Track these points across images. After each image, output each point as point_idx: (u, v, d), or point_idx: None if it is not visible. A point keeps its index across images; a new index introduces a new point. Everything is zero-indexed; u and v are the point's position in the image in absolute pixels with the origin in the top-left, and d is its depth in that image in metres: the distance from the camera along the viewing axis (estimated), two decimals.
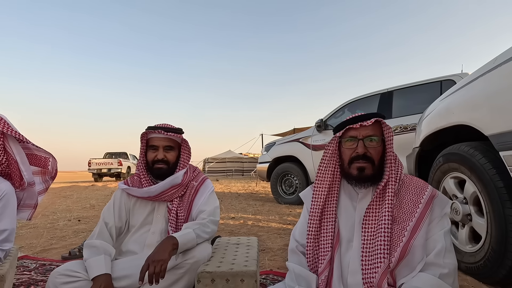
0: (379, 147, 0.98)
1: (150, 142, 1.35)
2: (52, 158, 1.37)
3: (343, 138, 1.01)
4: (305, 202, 1.10)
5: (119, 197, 1.37)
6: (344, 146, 1.01)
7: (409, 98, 3.90)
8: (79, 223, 3.25)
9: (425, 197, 0.92)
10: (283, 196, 5.01)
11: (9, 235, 1.16)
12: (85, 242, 1.26)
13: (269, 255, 2.01)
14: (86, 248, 1.21)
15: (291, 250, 1.04)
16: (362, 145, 0.97)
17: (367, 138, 0.97)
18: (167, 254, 1.06)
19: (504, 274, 1.34)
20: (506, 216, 1.30)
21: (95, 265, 1.12)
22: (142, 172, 1.35)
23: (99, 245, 1.20)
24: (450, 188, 1.75)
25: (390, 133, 0.98)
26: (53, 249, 2.21)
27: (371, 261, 0.88)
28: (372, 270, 0.87)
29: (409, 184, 0.97)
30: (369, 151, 0.97)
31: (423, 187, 0.95)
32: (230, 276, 1.06)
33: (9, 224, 1.15)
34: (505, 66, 1.29)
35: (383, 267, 0.85)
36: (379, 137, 0.99)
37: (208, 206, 1.34)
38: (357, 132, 0.98)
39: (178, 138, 1.37)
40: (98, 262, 1.13)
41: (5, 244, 1.14)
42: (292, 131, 13.08)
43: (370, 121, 0.97)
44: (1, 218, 1.13)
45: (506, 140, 1.23)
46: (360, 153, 0.96)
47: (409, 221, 0.88)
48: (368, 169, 0.96)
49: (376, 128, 0.99)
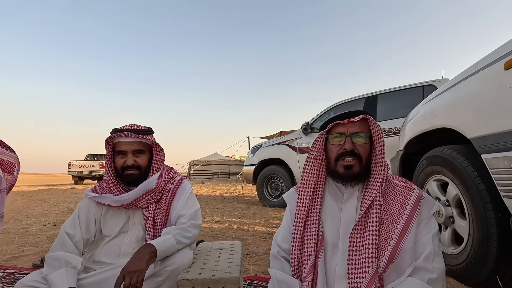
0: (366, 144, 0.97)
1: (117, 147, 1.23)
2: (17, 164, 1.28)
3: (331, 134, 0.99)
4: (288, 204, 1.06)
5: (86, 206, 1.25)
6: (332, 142, 0.99)
7: (392, 102, 3.98)
8: (54, 228, 3.08)
9: (412, 198, 0.91)
10: (269, 199, 4.98)
11: None
12: (45, 256, 1.13)
13: (254, 260, 1.96)
14: (46, 263, 1.09)
15: (273, 256, 0.99)
16: (349, 141, 0.95)
17: (355, 135, 0.96)
18: (144, 263, 0.99)
19: (485, 276, 1.35)
20: (487, 218, 1.31)
21: (56, 280, 1.01)
22: (112, 180, 1.24)
23: (61, 257, 1.08)
24: (433, 190, 1.77)
25: (379, 131, 0.97)
26: (24, 256, 2.08)
27: (358, 265, 0.85)
28: (359, 275, 0.84)
29: (395, 185, 0.96)
30: (357, 147, 0.95)
31: (410, 188, 0.94)
32: (211, 284, 1.00)
33: None
34: (485, 71, 1.31)
35: (371, 272, 0.82)
36: (366, 134, 0.97)
37: (188, 210, 1.27)
38: (345, 128, 0.96)
39: (148, 140, 1.26)
40: (59, 277, 1.02)
41: None
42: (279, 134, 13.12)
43: (358, 117, 0.95)
44: None
45: (487, 143, 1.24)
46: (347, 149, 0.94)
47: (396, 224, 0.87)
48: (355, 166, 0.94)
49: (363, 126, 0.97)
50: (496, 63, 1.24)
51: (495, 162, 1.21)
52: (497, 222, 1.27)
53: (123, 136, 1.20)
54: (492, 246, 1.30)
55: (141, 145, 1.23)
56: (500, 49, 1.27)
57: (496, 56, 1.26)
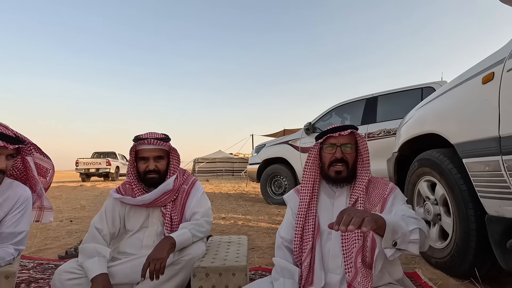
0: (353, 153, 1.17)
1: (140, 153, 1.39)
2: (52, 169, 1.46)
3: (324, 144, 1.19)
4: (288, 203, 1.24)
5: (111, 205, 1.42)
6: (325, 151, 1.18)
7: (392, 104, 4.10)
8: (71, 224, 3.29)
9: (387, 191, 1.13)
10: (272, 197, 5.15)
11: (24, 237, 1.26)
12: (79, 246, 1.33)
13: (258, 253, 2.14)
14: (80, 253, 1.27)
15: (277, 246, 1.17)
16: (339, 151, 1.15)
17: (344, 145, 1.15)
18: (166, 252, 1.16)
19: (466, 267, 1.50)
20: (468, 216, 1.47)
21: (91, 267, 1.19)
22: (134, 182, 1.41)
23: (93, 248, 1.26)
24: (424, 190, 1.92)
25: (364, 142, 1.18)
26: (48, 249, 2.27)
27: (348, 243, 1.06)
28: (350, 250, 1.04)
29: (375, 183, 1.17)
30: (345, 156, 1.15)
31: (385, 184, 1.16)
32: (222, 271, 1.18)
33: (26, 227, 1.26)
34: (467, 83, 1.46)
35: (357, 246, 1.03)
36: (353, 144, 1.17)
37: (201, 208, 1.44)
38: (336, 140, 1.15)
39: (167, 146, 1.42)
40: (93, 264, 1.20)
41: (20, 246, 1.24)
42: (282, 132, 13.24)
43: (347, 132, 1.14)
44: (21, 221, 1.23)
45: (468, 149, 1.39)
46: (338, 157, 1.14)
47: (375, 208, 1.10)
48: (344, 172, 1.14)
49: (351, 138, 1.17)
50: (476, 77, 1.39)
51: (473, 166, 1.36)
52: (476, 219, 1.42)
53: (146, 143, 1.37)
54: (472, 240, 1.45)
55: (161, 151, 1.40)
56: (480, 64, 1.41)
57: (476, 70, 1.41)
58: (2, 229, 1.23)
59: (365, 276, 1.00)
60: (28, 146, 1.29)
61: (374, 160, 3.80)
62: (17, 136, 1.22)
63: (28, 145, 1.28)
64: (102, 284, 1.16)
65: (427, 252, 1.85)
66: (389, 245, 0.88)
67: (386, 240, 0.86)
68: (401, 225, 0.89)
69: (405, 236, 0.89)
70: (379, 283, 1.03)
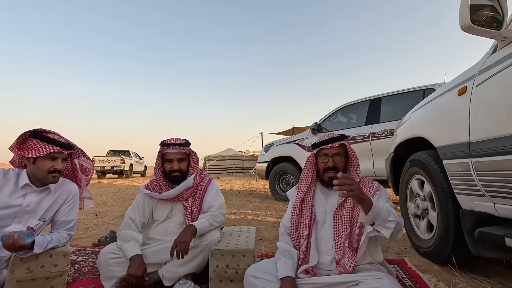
0: (343, 161, 1.40)
1: (166, 156, 1.68)
2: (92, 170, 1.76)
3: (319, 154, 1.42)
4: (290, 198, 1.49)
5: (141, 199, 1.71)
6: (319, 160, 1.42)
7: (395, 105, 4.26)
8: (97, 217, 3.63)
9: (373, 190, 1.35)
10: (280, 194, 5.39)
11: (74, 224, 1.55)
12: (116, 233, 1.63)
13: (265, 243, 2.39)
14: (118, 238, 1.57)
15: (281, 233, 1.42)
16: (331, 160, 1.38)
17: (335, 155, 1.38)
18: (189, 237, 1.43)
19: (447, 255, 1.71)
20: (448, 210, 1.68)
21: (128, 249, 1.49)
22: (160, 179, 1.70)
23: (128, 234, 1.56)
24: (415, 187, 2.13)
25: (352, 150, 1.40)
26: (82, 238, 2.59)
27: (339, 231, 1.31)
28: (340, 236, 1.29)
29: (363, 182, 1.39)
30: (336, 164, 1.38)
31: (372, 183, 1.38)
32: (235, 253, 1.44)
33: (75, 216, 1.55)
34: (447, 94, 1.67)
35: (345, 233, 1.28)
36: (342, 153, 1.39)
37: (216, 202, 1.71)
38: (328, 151, 1.38)
39: (187, 150, 1.71)
40: (130, 247, 1.50)
41: (71, 231, 1.53)
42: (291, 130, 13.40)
43: (337, 144, 1.37)
44: (71, 211, 1.53)
45: (446, 152, 1.60)
46: (330, 166, 1.37)
47: None
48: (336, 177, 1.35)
49: (341, 148, 1.39)
50: (454, 89, 1.59)
51: (450, 166, 1.57)
52: (454, 213, 1.63)
53: (171, 148, 1.64)
54: (451, 232, 1.66)
55: (182, 154, 1.68)
56: (458, 77, 1.62)
57: (455, 83, 1.61)
58: (57, 218, 1.53)
59: (350, 257, 1.25)
60: (77, 151, 1.57)
61: (378, 159, 4.00)
62: (68, 142, 1.50)
63: (76, 150, 1.57)
64: (138, 262, 1.44)
65: (417, 243, 2.06)
66: (368, 223, 1.14)
67: (368, 218, 1.13)
68: (384, 213, 1.15)
69: (383, 222, 1.15)
70: (361, 262, 1.27)
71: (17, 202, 1.40)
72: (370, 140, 4.16)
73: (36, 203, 1.44)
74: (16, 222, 1.40)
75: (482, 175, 1.32)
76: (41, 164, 1.40)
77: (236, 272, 1.42)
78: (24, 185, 1.41)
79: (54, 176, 1.43)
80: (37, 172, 1.41)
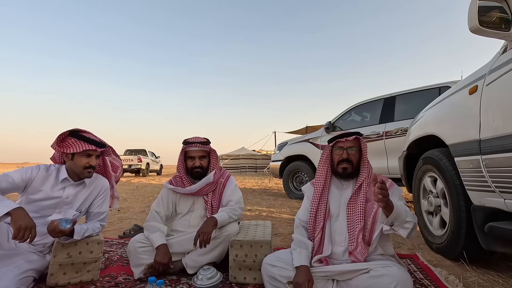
0: (357, 154, 1.46)
1: (188, 153, 1.80)
2: (121, 167, 1.91)
3: (334, 147, 1.50)
4: (305, 193, 1.57)
5: (166, 193, 1.85)
6: (335, 153, 1.49)
7: (410, 103, 4.24)
8: (119, 213, 3.83)
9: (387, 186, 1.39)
10: (294, 192, 5.46)
11: (106, 216, 1.71)
12: (144, 224, 1.77)
13: (280, 238, 2.49)
14: (145, 229, 1.72)
15: (296, 226, 1.51)
16: (346, 153, 1.45)
17: (349, 148, 1.46)
18: (210, 228, 1.55)
19: (459, 251, 1.76)
20: (460, 206, 1.72)
21: (155, 239, 1.62)
22: (183, 175, 1.82)
23: (155, 225, 1.71)
24: (428, 185, 2.16)
25: (365, 145, 1.47)
26: (108, 231, 2.77)
27: (353, 224, 1.38)
28: (354, 229, 1.36)
29: None
30: (350, 156, 1.45)
31: (385, 181, 1.42)
32: (252, 243, 1.54)
33: (107, 208, 1.71)
34: (459, 93, 1.70)
35: (359, 227, 1.35)
36: (357, 148, 1.46)
37: (235, 196, 1.82)
38: (343, 144, 1.46)
39: (208, 148, 1.83)
40: (156, 237, 1.63)
41: (103, 222, 1.69)
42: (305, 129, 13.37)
43: (352, 137, 1.45)
44: (103, 204, 1.69)
45: (458, 149, 1.64)
46: (344, 158, 1.45)
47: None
48: (349, 168, 1.45)
49: (355, 142, 1.47)
50: (465, 88, 1.63)
51: (462, 163, 1.61)
52: (466, 209, 1.67)
53: (193, 146, 1.77)
54: (463, 227, 1.70)
55: (203, 152, 1.80)
56: (469, 76, 1.65)
57: (467, 82, 1.65)
58: (91, 209, 1.68)
59: (363, 249, 1.32)
60: (108, 149, 1.72)
61: (392, 157, 4.01)
62: (101, 141, 1.65)
63: (108, 148, 1.72)
64: (163, 251, 1.57)
65: (430, 239, 2.10)
66: (388, 224, 1.21)
67: (389, 220, 1.20)
68: (402, 215, 1.21)
69: (402, 223, 1.22)
70: (373, 253, 1.34)
71: (58, 194, 1.56)
72: (384, 139, 4.16)
73: (74, 196, 1.60)
74: (56, 212, 1.57)
75: (492, 172, 1.36)
76: (78, 160, 1.55)
77: (254, 261, 1.52)
78: (63, 179, 1.57)
79: (89, 172, 1.58)
80: (75, 167, 1.57)
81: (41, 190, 1.53)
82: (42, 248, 1.55)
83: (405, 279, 1.12)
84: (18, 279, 1.30)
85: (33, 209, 1.49)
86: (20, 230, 1.21)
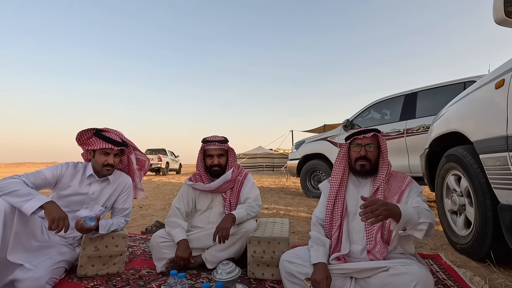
0: (375, 151, 1.44)
1: (207, 152, 1.85)
2: (147, 161, 1.99)
3: (352, 144, 1.49)
4: (322, 191, 1.57)
5: (186, 190, 1.90)
6: (352, 150, 1.48)
7: (432, 99, 4.09)
8: (141, 209, 3.98)
9: (405, 184, 1.39)
10: (311, 191, 5.42)
11: (129, 212, 1.80)
12: (165, 220, 1.83)
13: (298, 236, 2.49)
14: (166, 224, 1.78)
15: (313, 223, 1.51)
16: (364, 150, 1.44)
17: (367, 145, 1.44)
18: (229, 224, 1.59)
19: (485, 251, 1.69)
20: (486, 205, 1.65)
21: (176, 234, 1.68)
22: (202, 173, 1.87)
23: (176, 221, 1.76)
24: (451, 183, 2.09)
25: (384, 142, 1.45)
26: (131, 227, 2.89)
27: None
28: (372, 228, 1.35)
29: (395, 176, 1.43)
30: (368, 154, 1.43)
31: (404, 178, 1.41)
32: (270, 240, 1.56)
33: (130, 204, 1.80)
34: (484, 87, 1.64)
35: (377, 225, 1.33)
36: (375, 145, 1.45)
37: (252, 194, 1.85)
38: (361, 141, 1.45)
39: (226, 146, 1.86)
40: (178, 232, 1.69)
41: (127, 218, 1.77)
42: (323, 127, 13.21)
43: (370, 134, 1.43)
44: (127, 200, 1.77)
45: (484, 146, 1.58)
46: (362, 155, 1.43)
47: (394, 197, 1.36)
48: (367, 166, 1.43)
49: (374, 139, 1.45)
50: (491, 83, 1.57)
51: (487, 161, 1.55)
52: (492, 208, 1.61)
53: (212, 145, 1.81)
54: (489, 227, 1.63)
55: (222, 150, 1.84)
56: (495, 71, 1.58)
57: (492, 76, 1.58)
58: (116, 205, 1.77)
59: (382, 248, 1.31)
60: (129, 148, 1.80)
61: (413, 155, 3.89)
62: (122, 140, 1.73)
63: (129, 147, 1.79)
64: (184, 246, 1.63)
65: (454, 239, 2.03)
66: (400, 230, 1.19)
67: (399, 227, 1.17)
68: (413, 218, 1.17)
69: (415, 225, 1.18)
70: (393, 252, 1.32)
71: (85, 190, 1.65)
72: (405, 136, 4.05)
73: (99, 192, 1.69)
74: (84, 208, 1.66)
75: None
76: (98, 158, 1.65)
77: (271, 257, 1.54)
78: (89, 175, 1.66)
79: (107, 169, 1.66)
80: (95, 164, 1.66)
81: (70, 186, 1.63)
82: (72, 241, 1.65)
83: (425, 278, 1.10)
84: (52, 269, 1.39)
85: (63, 204, 1.59)
86: (54, 221, 1.30)
